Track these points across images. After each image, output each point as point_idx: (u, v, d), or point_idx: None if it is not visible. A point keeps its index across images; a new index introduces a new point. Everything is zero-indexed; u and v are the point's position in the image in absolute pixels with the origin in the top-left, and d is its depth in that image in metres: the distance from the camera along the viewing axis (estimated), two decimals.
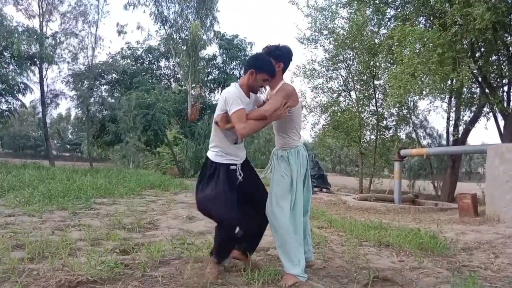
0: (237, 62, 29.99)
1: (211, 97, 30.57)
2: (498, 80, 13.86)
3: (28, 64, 21.59)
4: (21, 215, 5.55)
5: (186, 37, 24.39)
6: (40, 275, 2.92)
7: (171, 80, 31.48)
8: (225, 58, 29.88)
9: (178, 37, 25.23)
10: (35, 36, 20.65)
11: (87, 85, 26.11)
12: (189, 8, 24.55)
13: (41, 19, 24.84)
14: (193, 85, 25.15)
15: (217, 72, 30.21)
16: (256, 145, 28.12)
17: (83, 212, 6.14)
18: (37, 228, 4.63)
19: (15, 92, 20.63)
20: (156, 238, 4.42)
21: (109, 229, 4.84)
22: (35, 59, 21.98)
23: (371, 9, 15.22)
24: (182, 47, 24.95)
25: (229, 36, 29.47)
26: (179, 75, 29.23)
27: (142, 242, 4.13)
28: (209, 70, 29.74)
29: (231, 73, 29.90)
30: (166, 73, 31.29)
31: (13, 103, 21.55)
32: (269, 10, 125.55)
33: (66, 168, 14.91)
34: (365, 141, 17.98)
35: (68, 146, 63.69)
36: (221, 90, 29.97)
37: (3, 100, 21.23)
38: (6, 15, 20.89)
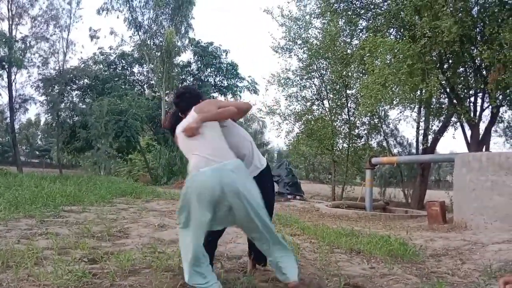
0: (211, 69, 30.01)
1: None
2: (465, 91, 14.37)
3: None
4: None
5: (161, 43, 24.21)
6: (4, 285, 2.82)
7: (145, 86, 31.19)
8: (199, 65, 29.85)
9: (152, 43, 25.02)
10: (3, 40, 20.08)
11: (57, 90, 25.48)
12: (164, 14, 24.41)
13: (10, 22, 24.14)
14: (167, 91, 24.93)
15: (191, 79, 30.11)
16: None
17: (51, 220, 5.96)
18: (2, 237, 4.46)
19: None
20: (126, 247, 4.34)
21: (78, 237, 4.72)
22: (4, 63, 21.35)
23: (343, 20, 15.52)
24: (156, 53, 24.74)
25: (204, 43, 29.47)
26: (153, 81, 28.95)
27: (112, 250, 4.04)
28: (183, 77, 29.59)
29: (205, 80, 29.87)
30: (140, 79, 30.97)
31: None
32: (244, 18, 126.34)
33: (35, 175, 14.47)
34: (338, 149, 18.22)
35: (37, 152, 61.82)
36: None
37: None
38: None
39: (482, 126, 13.79)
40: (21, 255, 3.56)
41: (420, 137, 16.11)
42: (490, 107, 13.47)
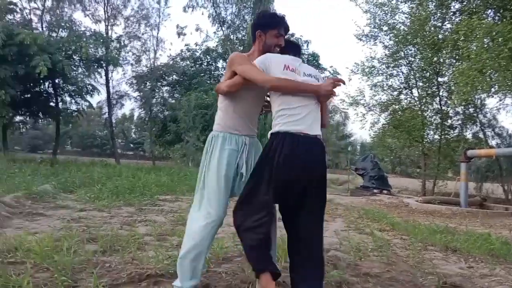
0: None
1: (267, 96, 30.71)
2: None
3: (95, 66, 22.80)
4: (92, 210, 5.90)
5: (243, 38, 24.69)
6: (112, 267, 3.09)
7: None
8: None
9: (235, 38, 25.62)
10: (101, 40, 21.80)
11: (149, 86, 27.25)
12: (246, 8, 24.83)
13: (106, 24, 26.29)
14: None
15: None
16: None
17: (148, 208, 6.42)
18: (107, 223, 4.90)
19: (83, 93, 21.85)
20: (218, 235, 4.51)
21: (173, 225, 5.02)
22: (102, 62, 23.17)
23: (434, 3, 14.55)
24: (239, 47, 25.28)
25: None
26: None
27: None
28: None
29: None
30: (224, 73, 31.91)
31: (81, 104, 22.83)
32: (326, 7, 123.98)
33: (131, 166, 15.66)
34: (428, 141, 17.21)
35: (132, 145, 66.72)
36: None
37: (72, 101, 22.60)
38: (75, 21, 22.36)
39: None
40: (125, 240, 3.89)
41: None
42: None
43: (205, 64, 30.68)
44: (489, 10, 13.38)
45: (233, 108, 2.63)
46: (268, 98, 2.69)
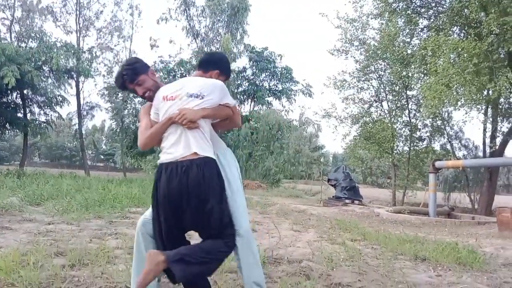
0: (266, 74, 30.23)
1: (240, 108, 30.85)
2: None
3: (66, 77, 22.37)
4: (60, 223, 5.74)
5: (217, 50, 24.79)
6: (81, 281, 3.02)
7: None
8: (254, 70, 30.15)
9: (209, 50, 25.68)
10: (72, 51, 21.43)
11: (121, 98, 26.89)
12: (220, 22, 25.03)
13: (78, 35, 25.94)
14: None
15: (247, 84, 30.50)
16: (286, 156, 28.03)
17: (119, 221, 6.29)
18: (75, 236, 4.78)
19: (53, 104, 21.42)
20: None
21: None
22: (72, 73, 22.79)
23: (403, 20, 15.04)
24: None
25: (259, 48, 29.75)
26: None
27: None
28: (239, 82, 30.06)
29: (260, 84, 30.13)
30: None
31: (51, 115, 22.35)
32: (298, 22, 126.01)
33: (101, 178, 15.33)
34: (398, 152, 17.65)
35: (102, 157, 65.46)
36: (251, 102, 30.26)
37: (41, 112, 22.08)
38: (45, 31, 21.92)
39: None
40: (95, 253, 3.80)
41: (487, 140, 15.21)
42: None
43: (179, 75, 30.50)
44: (455, 27, 13.93)
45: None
46: None
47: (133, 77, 2.57)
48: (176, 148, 2.37)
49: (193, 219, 2.34)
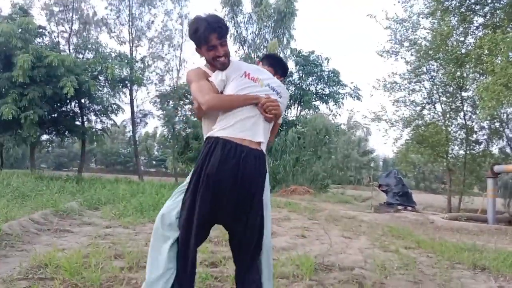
0: (313, 78, 30.04)
1: (287, 113, 30.85)
2: None
3: (120, 86, 23.42)
4: (117, 226, 5.99)
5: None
6: (139, 283, 3.14)
7: None
8: (301, 75, 30.05)
9: (256, 56, 25.95)
10: (126, 61, 22.42)
11: (172, 105, 27.75)
12: (266, 27, 25.21)
13: (131, 45, 27.15)
14: None
15: (293, 89, 30.44)
16: (334, 161, 27.65)
17: None
18: (132, 239, 4.97)
19: (108, 112, 22.42)
20: None
21: None
22: (126, 82, 23.81)
23: (456, 18, 14.47)
24: None
25: (305, 52, 29.64)
26: None
27: (229, 255, 4.25)
28: (285, 87, 30.05)
29: (307, 89, 29.98)
30: None
31: (106, 122, 23.44)
32: (346, 24, 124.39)
33: (154, 183, 15.83)
34: (453, 156, 16.90)
35: (154, 162, 67.61)
36: (297, 107, 30.16)
37: (98, 120, 23.21)
38: (101, 43, 23.08)
39: None
40: None
41: None
42: None
43: None
44: None
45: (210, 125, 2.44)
46: None
47: (223, 34, 2.34)
48: (242, 128, 2.20)
49: (234, 212, 2.20)
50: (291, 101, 29.99)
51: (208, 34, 2.29)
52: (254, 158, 2.18)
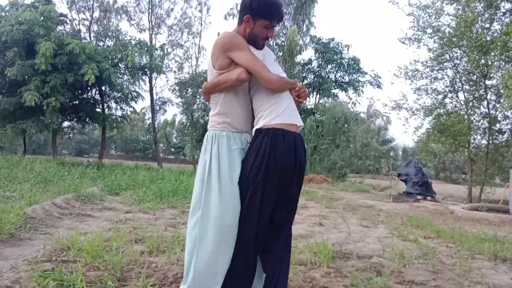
0: (332, 65, 29.72)
1: (306, 101, 30.66)
2: None
3: (140, 74, 23.61)
4: (137, 212, 6.10)
5: (283, 43, 24.78)
6: (159, 267, 3.19)
7: None
8: (320, 62, 29.78)
9: (274, 44, 25.76)
10: (145, 48, 22.53)
11: (191, 93, 27.89)
12: (286, 14, 24.95)
13: (150, 32, 27.28)
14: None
15: (312, 77, 30.23)
16: (353, 150, 27.42)
17: None
18: (152, 225, 5.05)
19: (128, 99, 22.63)
20: None
21: None
22: (146, 70, 23.97)
23: (482, 4, 14.05)
24: (279, 53, 25.39)
25: (325, 39, 29.30)
26: None
27: None
28: (304, 75, 29.87)
29: (326, 76, 29.70)
30: None
31: (126, 110, 23.67)
32: (367, 11, 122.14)
33: (173, 170, 16.02)
34: (475, 146, 16.56)
35: (173, 149, 68.26)
36: (316, 95, 29.90)
37: (118, 107, 23.48)
38: (121, 30, 23.24)
39: None
40: (170, 241, 4.00)
41: None
42: None
43: None
44: None
45: (237, 102, 2.32)
46: None
47: (282, 19, 2.41)
48: (290, 114, 2.24)
49: (295, 194, 2.31)
50: (310, 89, 29.77)
51: (278, 13, 2.30)
52: (301, 142, 2.28)
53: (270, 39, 2.37)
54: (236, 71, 2.21)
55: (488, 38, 14.03)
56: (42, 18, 17.57)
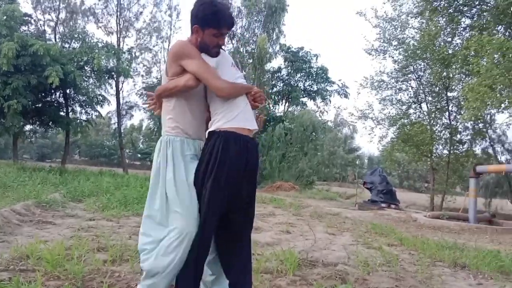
0: (301, 74, 30.12)
1: (275, 109, 30.96)
2: None
3: (106, 77, 23.04)
4: (101, 219, 5.93)
5: (253, 51, 24.92)
6: (122, 277, 3.11)
7: None
8: (290, 71, 30.13)
9: (244, 51, 25.87)
10: (113, 52, 22.07)
11: None
12: (256, 22, 25.13)
13: (118, 36, 26.83)
14: None
15: (281, 84, 30.51)
16: (320, 158, 27.80)
17: None
18: (116, 232, 4.92)
19: (94, 103, 22.03)
20: None
21: None
22: (113, 73, 23.44)
23: (444, 19, 14.62)
24: (249, 60, 25.51)
25: (294, 48, 29.68)
26: None
27: None
28: (273, 83, 30.10)
29: (295, 85, 30.05)
30: None
31: (91, 114, 23.03)
32: (335, 21, 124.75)
33: (139, 176, 15.70)
34: (437, 155, 17.14)
35: (139, 155, 67.02)
36: (285, 103, 30.18)
37: (83, 111, 22.81)
38: (88, 32, 22.70)
39: None
40: (134, 250, 3.89)
41: None
42: None
43: None
44: (500, 26, 13.41)
45: (189, 108, 2.34)
46: None
47: (232, 26, 2.46)
48: (243, 118, 2.28)
49: (245, 200, 2.29)
50: (279, 96, 30.02)
51: (224, 21, 2.31)
52: (254, 146, 2.30)
53: (223, 46, 2.37)
54: (185, 77, 2.25)
55: (450, 52, 14.60)
56: (5, 17, 16.95)
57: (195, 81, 2.23)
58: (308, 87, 30.86)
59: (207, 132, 2.30)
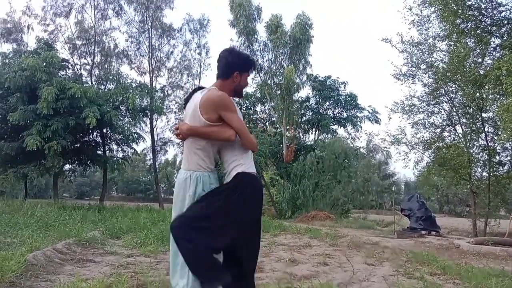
0: (330, 102, 30.19)
1: (305, 137, 30.96)
2: None
3: (141, 115, 23.86)
4: (139, 255, 6.04)
5: (280, 82, 25.23)
6: None
7: (267, 123, 32.52)
8: (318, 99, 30.23)
9: (272, 83, 26.22)
10: (146, 91, 22.92)
11: None
12: (282, 54, 25.53)
13: (151, 75, 27.87)
14: (288, 127, 25.71)
15: (310, 113, 30.58)
16: (354, 185, 27.28)
17: None
18: (154, 269, 4.99)
19: (129, 141, 22.72)
20: (262, 281, 4.50)
21: None
22: (147, 111, 24.28)
23: (472, 40, 14.42)
24: (277, 91, 25.82)
25: (322, 77, 29.87)
26: (274, 118, 30.12)
27: None
28: (302, 112, 30.24)
29: (324, 113, 30.06)
30: (262, 117, 32.42)
31: (127, 151, 23.73)
32: (361, 49, 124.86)
33: None
34: (477, 178, 16.52)
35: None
36: (315, 131, 30.13)
37: (119, 149, 23.57)
38: (122, 73, 23.73)
39: None
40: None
41: None
42: None
43: (244, 108, 31.39)
44: None
45: (212, 149, 2.78)
46: None
47: (255, 68, 3.06)
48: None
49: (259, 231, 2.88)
50: (309, 125, 30.04)
51: (254, 65, 2.86)
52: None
53: (244, 88, 2.92)
54: (229, 132, 2.66)
55: (481, 72, 14.30)
56: (44, 64, 17.98)
57: (235, 136, 2.67)
58: (337, 115, 30.79)
59: (235, 172, 2.70)
